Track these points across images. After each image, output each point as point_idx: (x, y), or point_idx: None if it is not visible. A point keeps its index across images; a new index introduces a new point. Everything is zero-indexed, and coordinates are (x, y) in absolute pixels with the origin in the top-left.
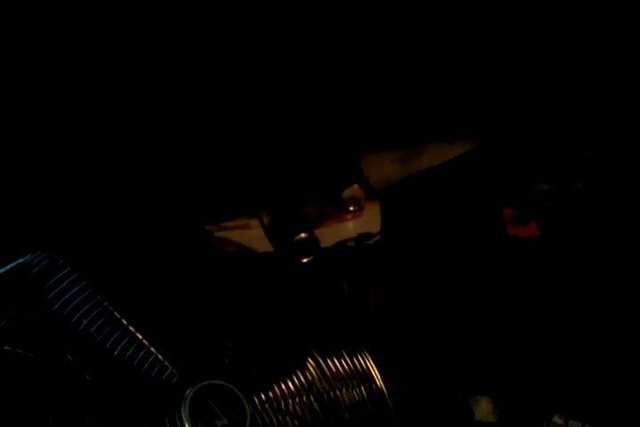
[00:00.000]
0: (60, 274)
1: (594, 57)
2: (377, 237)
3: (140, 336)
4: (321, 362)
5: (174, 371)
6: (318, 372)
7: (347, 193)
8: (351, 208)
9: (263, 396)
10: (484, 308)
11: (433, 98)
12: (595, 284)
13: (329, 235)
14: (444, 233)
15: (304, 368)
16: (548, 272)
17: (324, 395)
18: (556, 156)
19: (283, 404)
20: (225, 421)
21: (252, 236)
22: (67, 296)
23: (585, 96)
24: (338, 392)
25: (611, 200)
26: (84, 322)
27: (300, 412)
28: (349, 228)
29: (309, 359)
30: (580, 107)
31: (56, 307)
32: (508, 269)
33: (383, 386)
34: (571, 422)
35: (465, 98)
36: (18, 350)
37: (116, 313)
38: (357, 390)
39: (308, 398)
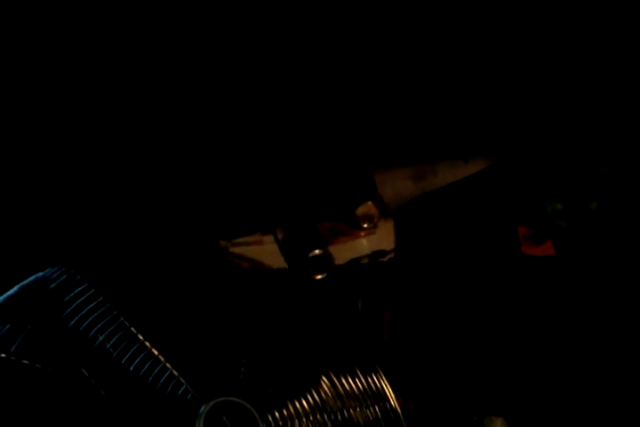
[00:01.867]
0: (78, 289)
1: (609, 75)
2: (391, 255)
3: (156, 352)
4: (335, 380)
5: (189, 387)
6: (332, 390)
7: (360, 210)
8: (365, 225)
9: (277, 414)
10: (500, 326)
11: (448, 115)
12: (609, 304)
13: (343, 252)
14: (458, 251)
15: (318, 386)
16: (563, 292)
17: (338, 414)
18: (572, 174)
19: (297, 422)
20: None
21: (267, 252)
22: (84, 312)
23: (601, 114)
24: (352, 411)
25: (627, 220)
26: (101, 338)
27: None
28: (363, 245)
29: (324, 378)
30: (595, 125)
31: (73, 322)
32: (523, 289)
33: (397, 405)
34: None
35: (479, 115)
36: (36, 365)
37: (132, 329)
38: (371, 409)
39: (321, 416)
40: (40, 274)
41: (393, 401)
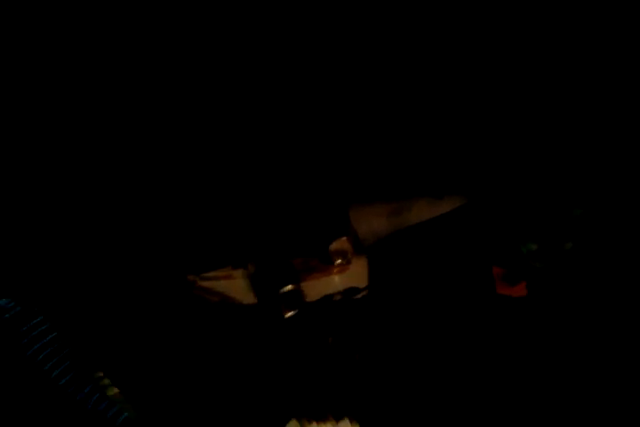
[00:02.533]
0: (35, 321)
1: (576, 114)
2: (364, 293)
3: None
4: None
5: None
6: None
7: (334, 246)
8: (338, 261)
9: None
10: (473, 366)
11: (423, 153)
12: (582, 344)
13: (315, 288)
14: (432, 290)
15: None
16: (537, 332)
17: None
18: (546, 215)
19: None
20: None
21: (236, 286)
22: (39, 344)
23: (575, 154)
24: None
25: (601, 261)
26: (56, 372)
27: None
28: (336, 282)
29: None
30: (570, 166)
31: (31, 352)
32: (498, 328)
33: None
34: None
35: (455, 154)
36: None
37: (84, 365)
38: None
39: None
40: None
41: None
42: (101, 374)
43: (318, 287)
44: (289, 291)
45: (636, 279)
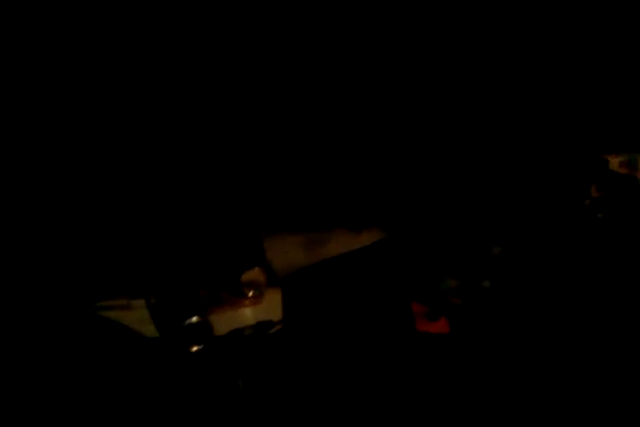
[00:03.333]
0: None
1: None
2: (277, 327)
3: None
4: None
5: None
6: None
7: (246, 276)
8: (250, 293)
9: None
10: (392, 406)
11: (341, 185)
12: (503, 381)
13: (224, 322)
14: (349, 326)
15: None
16: (457, 370)
17: None
18: (465, 252)
19: None
20: None
21: (135, 318)
22: None
23: (493, 193)
24: None
25: (519, 298)
26: None
27: None
28: (247, 315)
29: None
30: (489, 205)
31: None
32: (418, 366)
33: None
34: None
35: (375, 188)
36: None
37: None
38: None
39: None
40: None
41: None
42: None
43: (228, 320)
44: (194, 323)
45: (554, 315)
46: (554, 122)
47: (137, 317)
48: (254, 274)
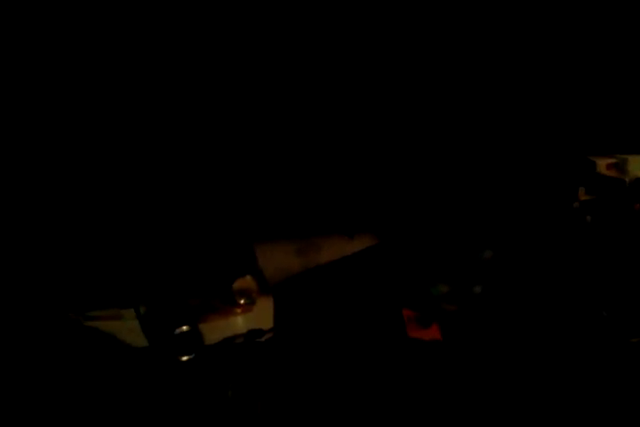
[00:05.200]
0: None
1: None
2: (269, 335)
3: None
4: None
5: None
6: None
7: (238, 284)
8: (242, 301)
9: None
10: (385, 414)
11: (334, 191)
12: (496, 387)
13: (215, 330)
14: (341, 333)
15: None
16: (450, 377)
17: None
18: (455, 257)
19: None
20: None
21: (126, 328)
22: None
23: (484, 197)
24: None
25: (511, 302)
26: None
27: None
28: (239, 323)
29: None
30: (478, 210)
31: None
32: (410, 374)
33: None
34: None
35: (366, 193)
36: None
37: None
38: None
39: None
40: None
41: None
42: None
43: (219, 329)
44: (185, 332)
45: (546, 317)
46: (541, 124)
47: (128, 327)
48: (246, 282)
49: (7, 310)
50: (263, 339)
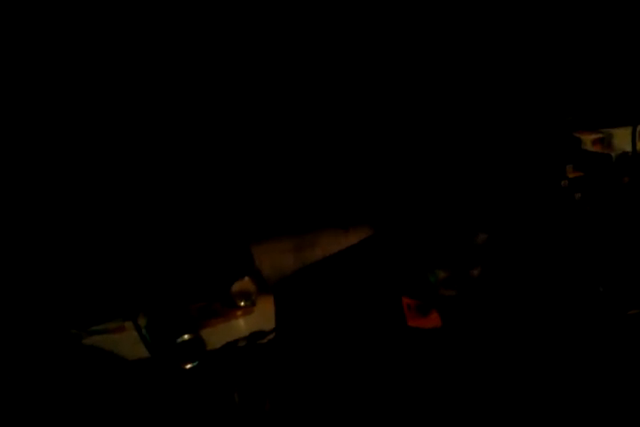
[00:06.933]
0: None
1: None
2: (271, 336)
3: None
4: None
5: None
6: None
7: (237, 287)
8: (242, 304)
9: None
10: (388, 408)
11: (325, 185)
12: (500, 376)
13: (217, 335)
14: (342, 328)
15: None
16: (451, 366)
17: None
18: (451, 242)
19: None
20: None
21: (129, 339)
22: None
23: (477, 181)
24: None
25: (509, 285)
26: None
27: None
28: (240, 326)
29: None
30: (469, 194)
31: None
32: (411, 364)
33: None
34: None
35: (359, 183)
36: None
37: None
38: None
39: None
40: None
41: None
42: None
43: (221, 334)
44: (187, 340)
45: (545, 301)
46: (524, 101)
47: (132, 338)
48: (245, 283)
49: (7, 319)
50: (266, 340)
